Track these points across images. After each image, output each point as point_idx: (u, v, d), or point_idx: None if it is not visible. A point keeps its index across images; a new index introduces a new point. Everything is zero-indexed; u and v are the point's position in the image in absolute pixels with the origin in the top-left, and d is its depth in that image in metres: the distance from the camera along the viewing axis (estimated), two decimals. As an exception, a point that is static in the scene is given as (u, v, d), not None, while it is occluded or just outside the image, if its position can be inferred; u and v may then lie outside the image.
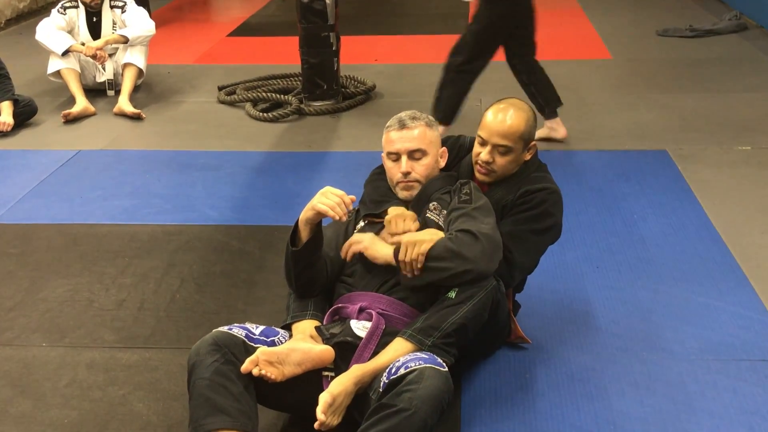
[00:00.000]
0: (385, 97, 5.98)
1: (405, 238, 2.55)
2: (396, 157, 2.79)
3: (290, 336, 2.54)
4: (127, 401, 2.72)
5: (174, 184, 4.52)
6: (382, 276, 2.64)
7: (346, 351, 2.49)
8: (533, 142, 2.86)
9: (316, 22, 5.52)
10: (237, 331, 2.41)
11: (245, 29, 8.41)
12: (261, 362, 2.31)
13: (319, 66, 5.63)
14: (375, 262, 2.63)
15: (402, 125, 2.79)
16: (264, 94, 5.80)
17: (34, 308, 3.31)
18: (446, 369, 2.31)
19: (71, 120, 5.55)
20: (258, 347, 2.38)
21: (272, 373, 2.32)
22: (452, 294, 2.47)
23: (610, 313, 3.16)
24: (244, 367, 2.31)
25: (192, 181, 4.56)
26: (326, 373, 2.45)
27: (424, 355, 2.34)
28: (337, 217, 2.49)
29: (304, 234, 2.60)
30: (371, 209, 2.85)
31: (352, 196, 2.55)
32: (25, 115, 5.50)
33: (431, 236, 2.55)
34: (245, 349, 2.37)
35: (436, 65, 6.78)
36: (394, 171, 2.80)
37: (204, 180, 4.57)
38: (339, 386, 2.33)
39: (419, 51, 7.31)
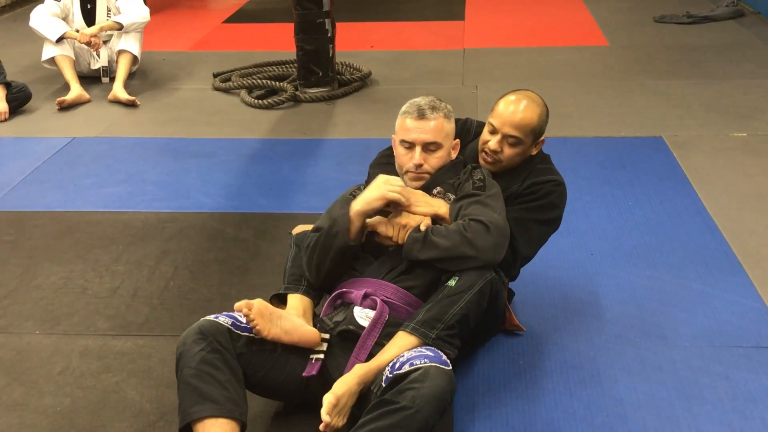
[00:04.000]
0: (380, 84, 5.96)
1: (397, 219, 2.59)
2: (409, 146, 2.70)
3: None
4: (121, 388, 2.72)
5: (168, 172, 4.51)
6: (389, 263, 2.61)
7: (349, 340, 2.48)
8: (542, 138, 2.84)
9: (312, 8, 5.50)
10: (223, 319, 2.41)
11: (241, 16, 8.38)
12: (255, 310, 2.32)
13: (315, 53, 5.61)
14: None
15: (421, 115, 2.68)
16: (259, 81, 5.77)
17: (27, 296, 3.31)
18: (450, 367, 2.28)
19: (66, 107, 5.53)
20: (245, 335, 2.39)
21: (259, 324, 2.33)
22: (452, 282, 2.45)
23: (604, 300, 3.16)
24: (238, 304, 2.31)
25: (186, 168, 4.55)
26: (313, 356, 2.46)
27: (429, 353, 2.31)
28: (407, 203, 2.54)
29: (357, 225, 2.56)
30: None
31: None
32: (19, 102, 5.47)
33: (433, 210, 2.61)
34: (231, 337, 2.37)
35: (433, 51, 6.80)
36: (406, 159, 2.72)
37: (198, 167, 4.56)
38: (343, 386, 2.30)
39: (415, 37, 7.29)
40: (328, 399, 2.25)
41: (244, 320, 2.42)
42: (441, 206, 2.63)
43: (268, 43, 7.17)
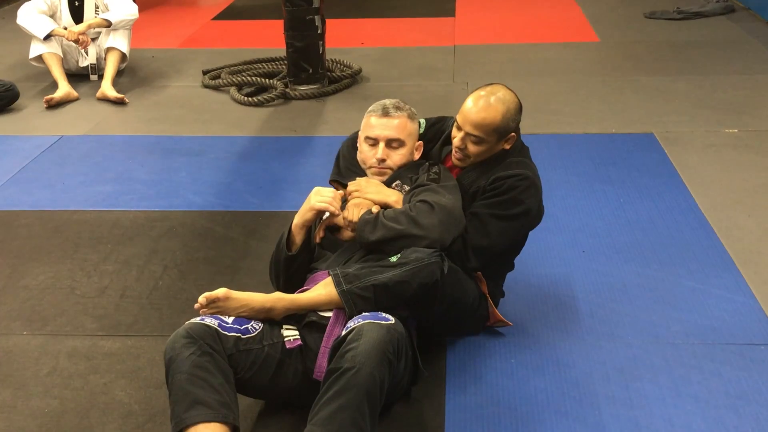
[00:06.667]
0: (371, 81, 5.94)
1: (350, 202, 2.69)
2: (374, 142, 2.86)
3: (262, 323, 2.52)
4: (109, 390, 2.70)
5: (157, 170, 4.48)
6: (346, 255, 2.67)
7: (314, 330, 2.50)
8: (512, 134, 2.80)
9: (301, 5, 5.47)
10: (209, 320, 2.40)
11: (230, 13, 8.34)
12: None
13: (305, 49, 5.58)
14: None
15: (385, 112, 2.84)
16: (249, 78, 5.75)
17: (14, 296, 3.28)
18: (390, 321, 2.30)
19: (53, 105, 5.49)
20: (232, 335, 2.39)
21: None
22: (394, 258, 2.51)
23: (595, 298, 3.14)
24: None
25: (176, 166, 4.52)
26: (287, 336, 2.48)
27: (365, 313, 2.37)
28: (337, 212, 2.65)
29: (299, 238, 2.71)
30: (343, 176, 2.93)
31: (341, 191, 2.71)
32: (6, 100, 5.43)
33: (383, 198, 2.70)
34: (219, 338, 2.36)
35: (423, 48, 6.78)
36: (369, 155, 2.86)
37: (188, 165, 4.53)
38: (245, 295, 2.45)
39: (405, 34, 7.26)
40: (219, 290, 2.40)
41: (229, 321, 2.43)
42: (392, 195, 2.74)
43: (257, 40, 7.14)
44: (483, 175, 2.78)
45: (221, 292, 2.42)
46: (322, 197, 2.66)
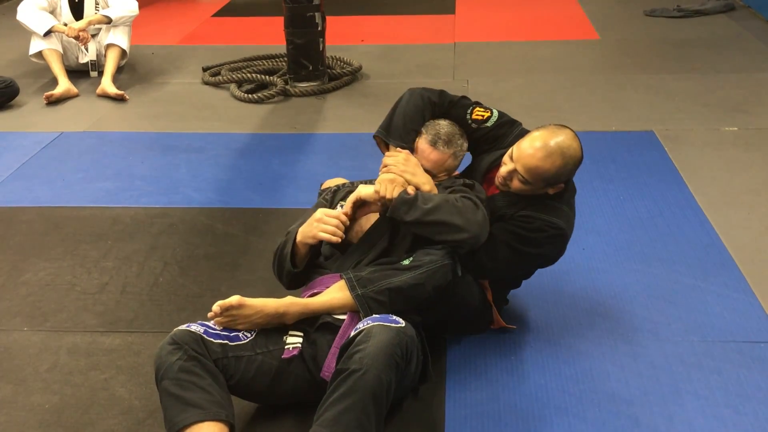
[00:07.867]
0: (371, 78, 5.94)
1: (383, 176, 2.63)
2: None
3: (255, 332, 2.50)
4: (109, 386, 2.70)
5: (157, 167, 4.48)
6: (356, 256, 2.65)
7: (327, 333, 2.49)
8: (561, 184, 2.70)
9: (302, 1, 5.46)
10: (195, 327, 2.40)
11: (230, 9, 8.33)
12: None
13: (305, 46, 5.57)
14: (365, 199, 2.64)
15: (433, 143, 2.79)
16: (249, 75, 5.74)
17: (15, 292, 3.28)
18: (400, 324, 2.29)
19: (54, 101, 5.48)
20: (218, 342, 2.39)
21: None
22: (406, 261, 2.50)
23: (595, 295, 3.15)
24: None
25: (176, 163, 4.52)
26: (289, 344, 2.46)
27: (375, 315, 2.37)
28: (339, 240, 2.57)
29: (303, 251, 2.66)
30: (390, 134, 2.83)
31: (348, 212, 2.63)
32: (6, 97, 5.43)
33: (418, 182, 2.63)
34: (204, 344, 2.36)
35: (423, 46, 6.78)
36: None
37: (188, 162, 4.53)
38: (259, 301, 2.42)
39: (406, 31, 7.26)
40: (233, 297, 2.38)
41: (217, 327, 2.43)
42: (427, 183, 2.67)
43: (257, 36, 7.13)
44: (515, 206, 2.70)
45: (234, 299, 2.40)
46: (325, 225, 2.56)
